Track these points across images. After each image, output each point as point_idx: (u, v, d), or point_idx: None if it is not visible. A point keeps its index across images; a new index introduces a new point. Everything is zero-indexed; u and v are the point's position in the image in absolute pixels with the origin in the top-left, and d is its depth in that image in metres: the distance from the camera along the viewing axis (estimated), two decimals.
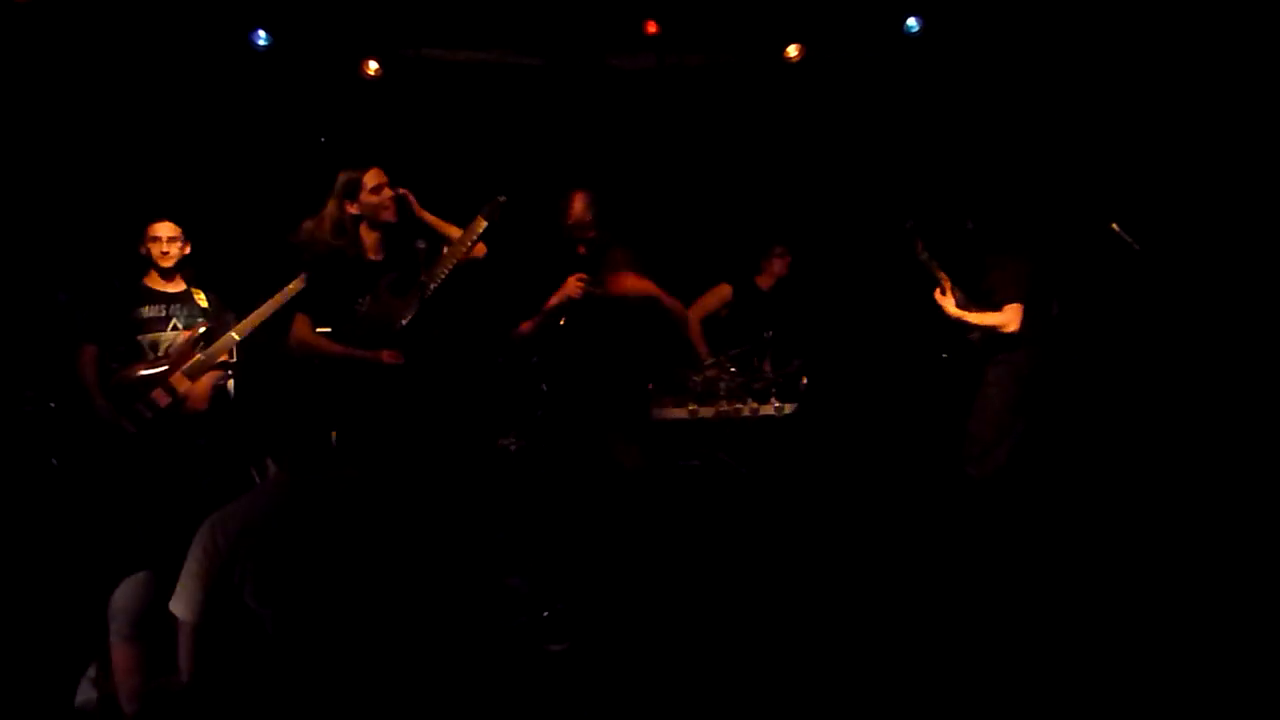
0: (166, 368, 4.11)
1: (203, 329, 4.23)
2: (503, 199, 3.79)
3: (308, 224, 3.74)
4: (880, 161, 5.92)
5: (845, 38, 5.72)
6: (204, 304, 4.31)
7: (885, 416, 5.80)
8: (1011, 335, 4.12)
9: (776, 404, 5.49)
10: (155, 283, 4.27)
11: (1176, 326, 4.67)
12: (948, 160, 5.74)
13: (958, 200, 4.72)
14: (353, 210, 3.71)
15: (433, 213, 3.88)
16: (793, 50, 5.70)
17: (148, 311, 4.19)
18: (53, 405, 4.59)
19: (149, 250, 4.21)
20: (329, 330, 3.71)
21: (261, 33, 5.21)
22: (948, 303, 4.25)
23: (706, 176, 6.08)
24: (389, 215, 3.70)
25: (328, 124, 5.65)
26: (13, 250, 4.88)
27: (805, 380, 5.25)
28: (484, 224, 3.76)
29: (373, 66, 5.54)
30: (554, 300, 3.72)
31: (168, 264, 4.21)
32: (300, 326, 3.72)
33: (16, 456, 4.29)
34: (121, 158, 5.26)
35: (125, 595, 2.71)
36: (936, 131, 5.74)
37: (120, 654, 2.65)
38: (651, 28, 5.50)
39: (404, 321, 3.60)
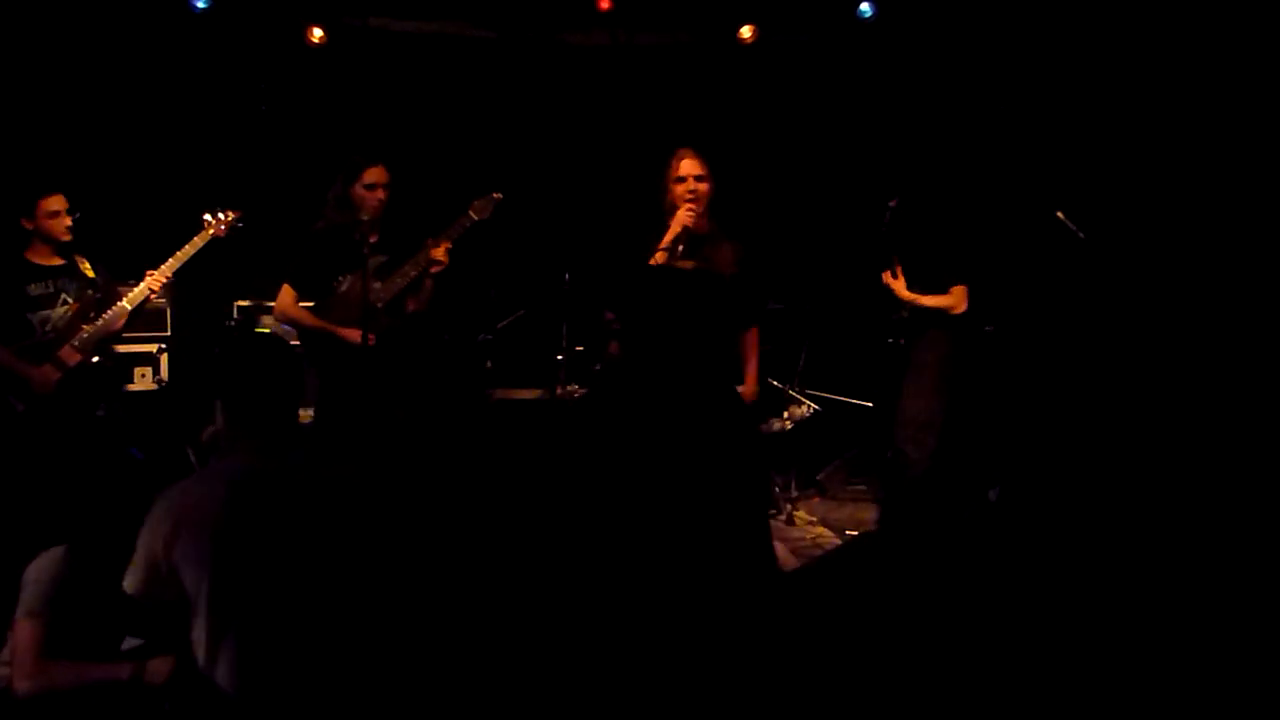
0: (54, 342, 3.97)
1: (91, 300, 4.08)
2: (497, 196, 3.87)
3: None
4: (830, 144, 5.94)
5: (799, 20, 5.72)
6: (90, 274, 4.14)
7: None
8: (955, 316, 4.20)
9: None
10: (39, 257, 4.04)
11: (1120, 314, 4.75)
12: (895, 144, 5.78)
13: (899, 182, 4.73)
14: (350, 193, 3.80)
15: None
16: (746, 31, 5.69)
17: (35, 289, 4.01)
18: None
19: (42, 225, 3.99)
20: (311, 305, 3.83)
21: None
22: (899, 285, 4.29)
23: (656, 155, 6.02)
24: (369, 213, 3.75)
25: (268, 92, 5.49)
26: None
27: None
28: (474, 218, 3.85)
29: (317, 34, 5.38)
30: (669, 236, 3.55)
31: (68, 237, 4.03)
32: (284, 297, 3.83)
33: None
34: (38, 124, 5.04)
35: (38, 569, 2.59)
36: (886, 115, 5.77)
37: (22, 629, 2.52)
38: (605, 4, 5.44)
39: (381, 305, 3.72)
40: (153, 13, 5.10)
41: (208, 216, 4.09)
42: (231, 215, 4.10)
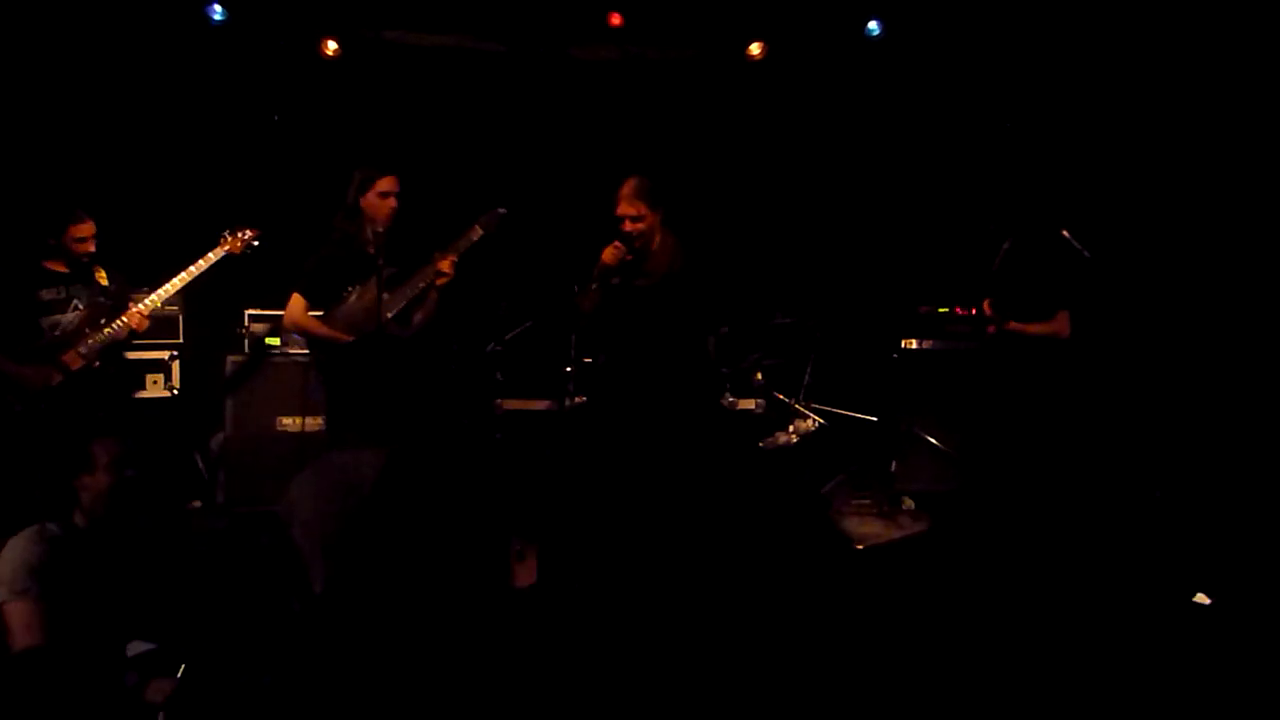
0: (59, 345, 4.06)
1: (101, 308, 4.16)
2: (502, 211, 3.95)
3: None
4: (836, 161, 5.98)
5: (807, 38, 5.77)
6: (105, 282, 4.23)
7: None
8: (1060, 341, 4.24)
9: (730, 398, 5.52)
10: (56, 265, 4.15)
11: (1125, 331, 4.76)
12: (901, 160, 5.82)
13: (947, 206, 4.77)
14: (361, 203, 3.87)
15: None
16: (755, 48, 5.74)
17: (47, 295, 4.11)
18: None
19: (68, 246, 4.09)
20: (320, 314, 3.91)
21: (217, 6, 5.10)
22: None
23: (664, 170, 6.06)
24: (381, 223, 3.85)
25: (283, 102, 5.55)
26: None
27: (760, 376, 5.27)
28: (480, 233, 3.92)
29: (331, 46, 5.45)
30: (597, 272, 3.82)
31: (87, 259, 4.14)
32: (294, 306, 3.90)
33: None
34: (59, 134, 5.11)
35: (15, 549, 2.56)
36: (893, 132, 5.81)
37: (16, 611, 2.49)
38: (615, 20, 5.49)
39: (390, 315, 3.77)
40: (171, 26, 5.16)
41: (226, 233, 4.19)
42: (250, 233, 4.20)
